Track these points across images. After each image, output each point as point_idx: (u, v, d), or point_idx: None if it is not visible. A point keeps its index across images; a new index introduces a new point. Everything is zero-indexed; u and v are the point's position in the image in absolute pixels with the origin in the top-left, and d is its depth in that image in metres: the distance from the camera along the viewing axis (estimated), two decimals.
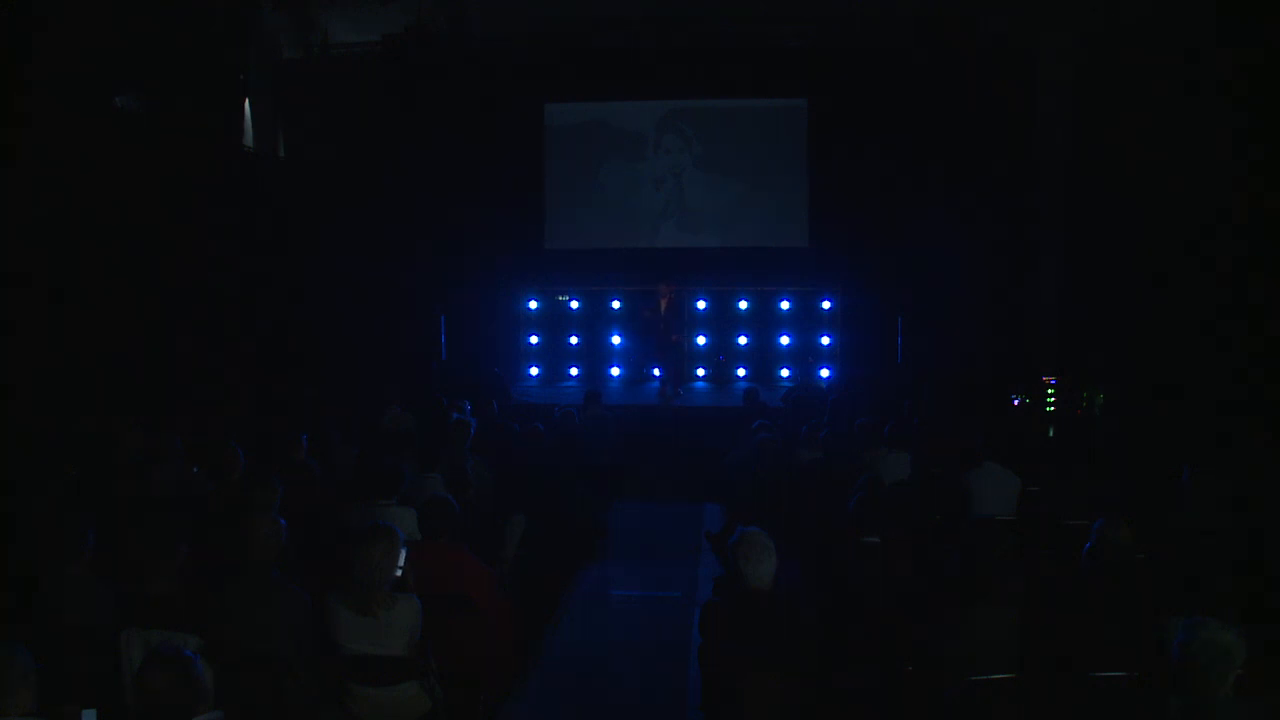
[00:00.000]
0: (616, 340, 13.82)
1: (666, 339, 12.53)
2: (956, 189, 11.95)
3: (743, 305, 13.66)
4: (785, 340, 13.57)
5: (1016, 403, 10.81)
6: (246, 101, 11.70)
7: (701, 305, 13.59)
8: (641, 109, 13.66)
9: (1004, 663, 3.89)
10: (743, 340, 13.63)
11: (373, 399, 9.47)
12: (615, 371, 13.76)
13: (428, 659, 4.21)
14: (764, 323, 13.66)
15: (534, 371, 13.85)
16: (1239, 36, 8.14)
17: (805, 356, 13.40)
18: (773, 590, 4.18)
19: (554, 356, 13.91)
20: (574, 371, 13.80)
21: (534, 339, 13.94)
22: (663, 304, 12.42)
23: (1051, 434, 9.91)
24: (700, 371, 13.62)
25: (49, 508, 5.27)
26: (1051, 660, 3.94)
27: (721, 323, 13.66)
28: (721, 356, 13.61)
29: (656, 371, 13.19)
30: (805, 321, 13.55)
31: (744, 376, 13.49)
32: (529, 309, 13.95)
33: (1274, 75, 7.81)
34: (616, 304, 13.80)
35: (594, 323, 13.89)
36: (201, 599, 4.13)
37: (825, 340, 13.44)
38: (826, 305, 13.46)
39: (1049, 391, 10.82)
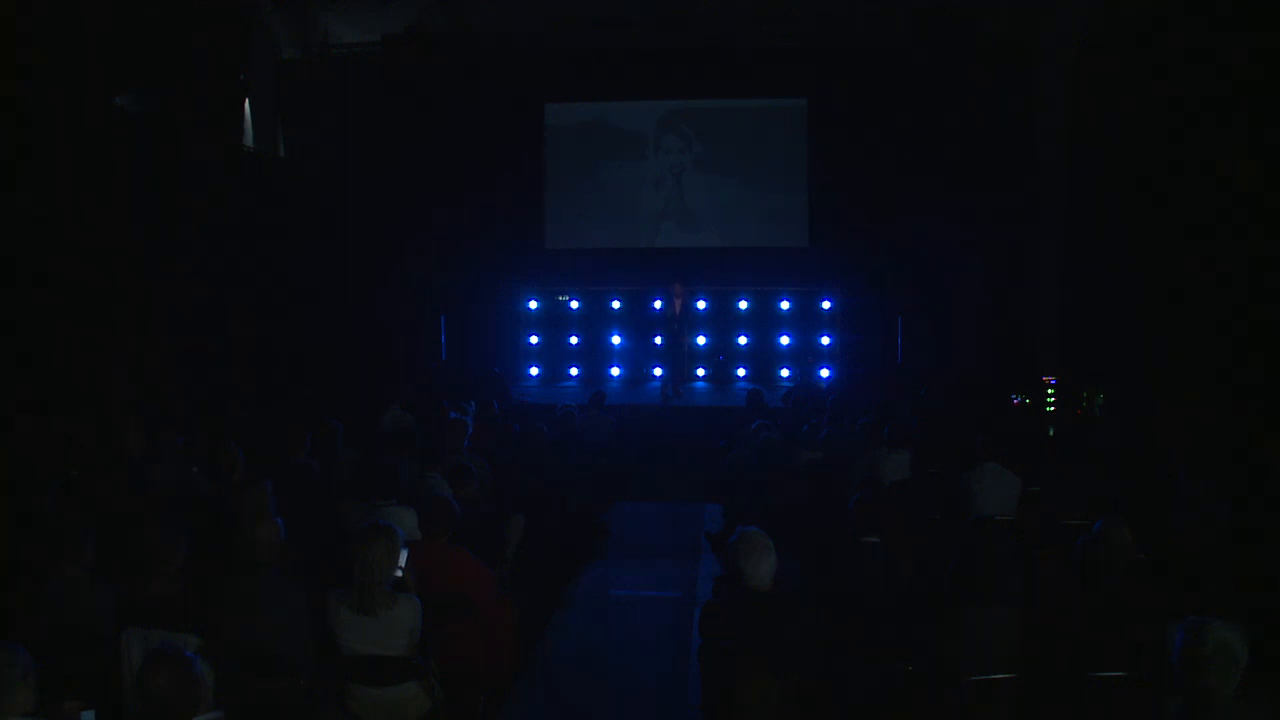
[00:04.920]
0: (616, 340, 13.83)
1: (677, 339, 12.55)
2: (956, 189, 11.95)
3: (743, 305, 13.67)
4: (785, 340, 13.57)
5: (1016, 403, 10.81)
6: (246, 101, 11.70)
7: (701, 305, 13.59)
8: (641, 109, 13.67)
9: (1004, 663, 3.89)
10: (743, 340, 13.64)
11: (373, 399, 9.47)
12: (615, 371, 13.77)
13: (428, 659, 4.21)
14: (764, 323, 13.68)
15: (534, 371, 13.86)
16: (1238, 34, 8.13)
17: (805, 356, 13.40)
18: (773, 590, 4.18)
19: (554, 356, 13.92)
20: (574, 371, 13.81)
21: (534, 339, 13.95)
22: (676, 304, 12.44)
23: (1051, 434, 9.90)
24: (700, 371, 13.63)
25: (49, 508, 5.27)
26: (1051, 660, 3.94)
27: (721, 323, 13.68)
28: (721, 356, 13.63)
29: (658, 371, 13.20)
30: (805, 321, 13.56)
31: (744, 376, 13.51)
32: (529, 309, 13.96)
33: (1274, 72, 7.81)
34: (616, 304, 13.81)
35: (594, 323, 13.90)
36: (201, 599, 4.12)
37: (825, 340, 13.44)
38: (826, 305, 13.47)
39: (1049, 391, 10.82)
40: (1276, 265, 7.88)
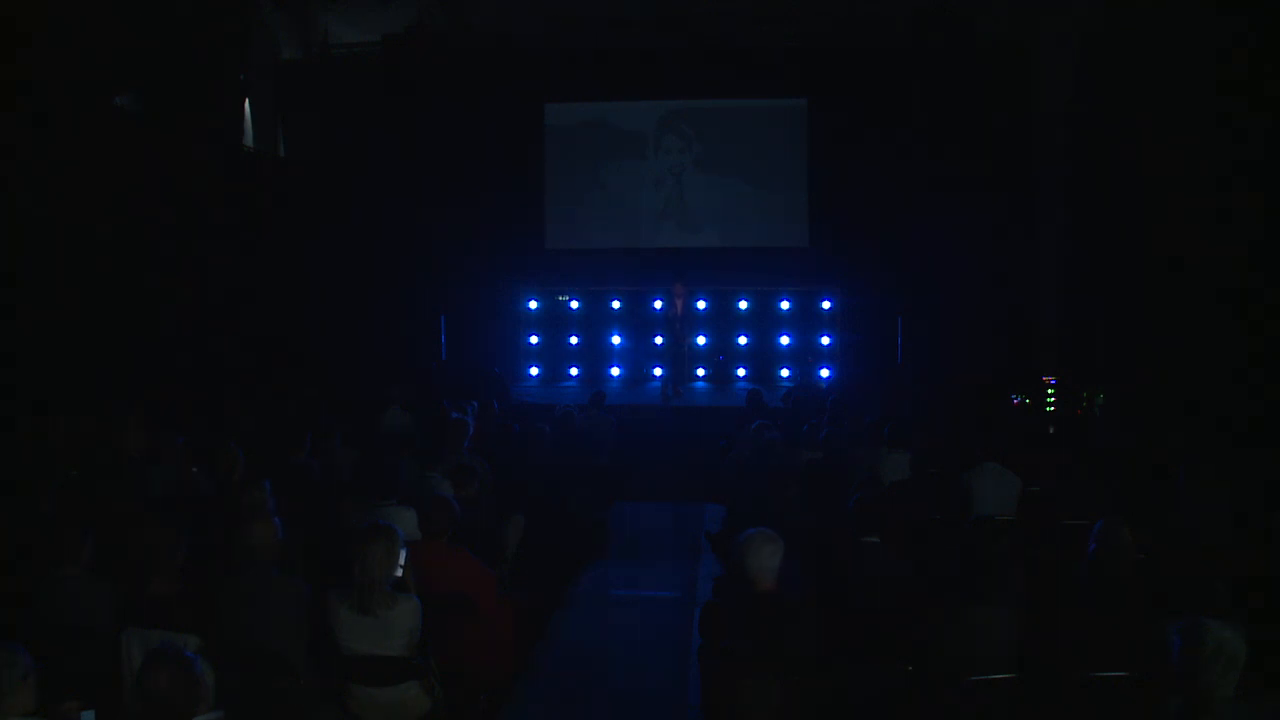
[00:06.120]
0: (616, 340, 13.83)
1: (678, 339, 12.55)
2: (956, 188, 11.96)
3: (743, 305, 13.67)
4: (785, 340, 13.57)
5: (1016, 403, 10.81)
6: (246, 101, 11.70)
7: (701, 305, 13.59)
8: (641, 109, 13.67)
9: (1004, 663, 3.89)
10: (743, 340, 13.64)
11: (373, 399, 9.47)
12: (615, 371, 13.77)
13: (428, 659, 4.21)
14: (764, 323, 13.68)
15: (534, 371, 13.86)
16: (1239, 32, 8.13)
17: (805, 356, 13.40)
18: (774, 590, 4.18)
19: (554, 356, 13.92)
20: (574, 371, 13.81)
21: (534, 339, 13.95)
22: (678, 304, 12.43)
23: (1051, 434, 9.89)
24: (700, 371, 13.63)
25: (49, 508, 5.27)
26: (1051, 660, 3.94)
27: (721, 323, 13.67)
28: (721, 356, 13.62)
29: (658, 371, 13.19)
30: (805, 321, 13.56)
31: (744, 376, 13.50)
32: (529, 309, 13.96)
33: (1274, 70, 7.80)
34: (616, 304, 13.82)
35: (594, 323, 13.90)
36: (201, 599, 4.12)
37: (825, 340, 13.44)
38: (826, 305, 13.47)
39: (1049, 391, 10.82)
40: (1276, 263, 7.87)
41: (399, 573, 4.14)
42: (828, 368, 13.32)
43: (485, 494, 6.35)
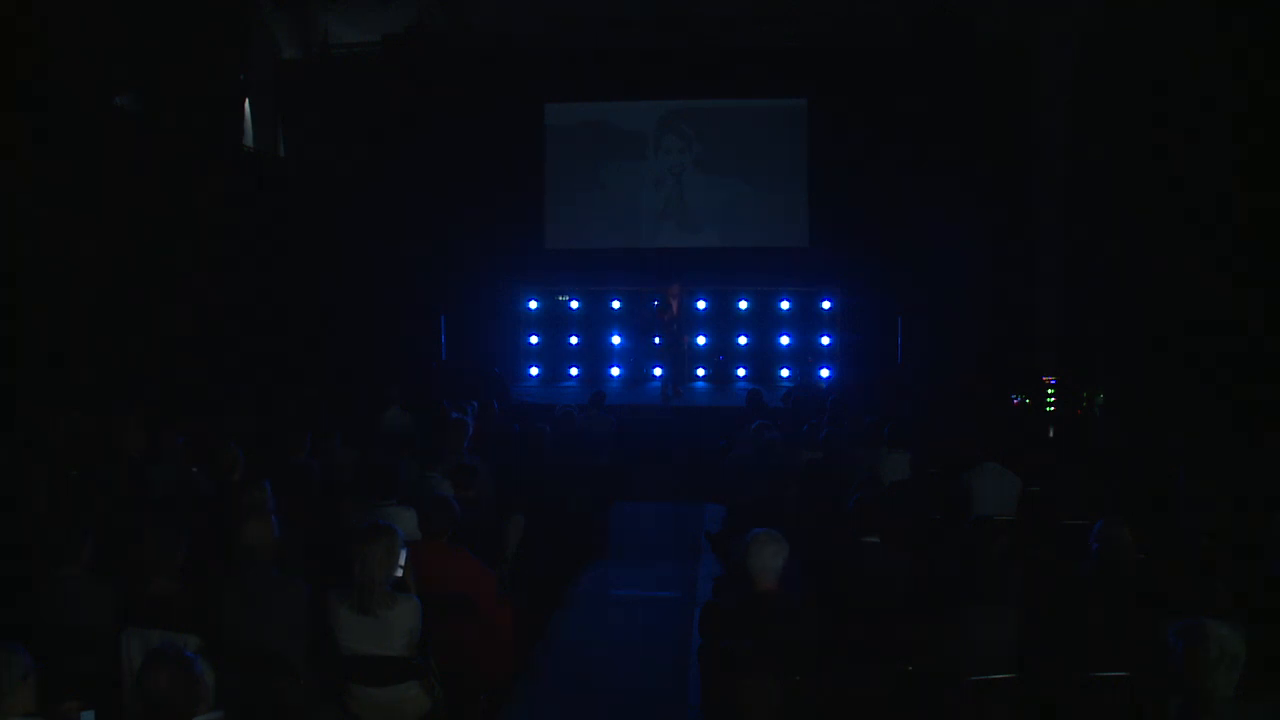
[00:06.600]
0: (616, 340, 13.83)
1: (676, 340, 12.54)
2: (956, 188, 11.95)
3: (743, 305, 13.67)
4: (785, 340, 13.57)
5: (1016, 403, 10.81)
6: (246, 101, 11.70)
7: (701, 305, 13.59)
8: (641, 109, 13.67)
9: (1004, 663, 3.90)
10: (743, 340, 13.64)
11: (373, 399, 9.47)
12: (615, 371, 13.77)
13: (428, 659, 4.21)
14: (764, 323, 13.68)
15: (534, 371, 13.86)
16: (1239, 32, 8.13)
17: (805, 356, 13.40)
18: (775, 590, 4.18)
19: (554, 356, 13.92)
20: (574, 371, 13.81)
21: (534, 339, 13.95)
22: (673, 305, 12.43)
23: (1051, 434, 9.90)
24: (700, 371, 13.63)
25: (49, 508, 5.27)
26: (1051, 660, 3.94)
27: (721, 323, 13.68)
28: (721, 356, 13.63)
29: (658, 371, 13.19)
30: (805, 321, 13.56)
31: (744, 376, 13.51)
32: (529, 309, 13.96)
33: (1274, 71, 7.81)
34: (616, 304, 13.82)
35: (594, 323, 13.90)
36: (201, 599, 4.12)
37: (825, 340, 13.44)
38: (826, 305, 13.47)
39: (1049, 391, 10.82)
40: (1276, 264, 7.88)
41: (399, 573, 4.14)
42: (828, 368, 13.32)
43: (485, 494, 6.35)
